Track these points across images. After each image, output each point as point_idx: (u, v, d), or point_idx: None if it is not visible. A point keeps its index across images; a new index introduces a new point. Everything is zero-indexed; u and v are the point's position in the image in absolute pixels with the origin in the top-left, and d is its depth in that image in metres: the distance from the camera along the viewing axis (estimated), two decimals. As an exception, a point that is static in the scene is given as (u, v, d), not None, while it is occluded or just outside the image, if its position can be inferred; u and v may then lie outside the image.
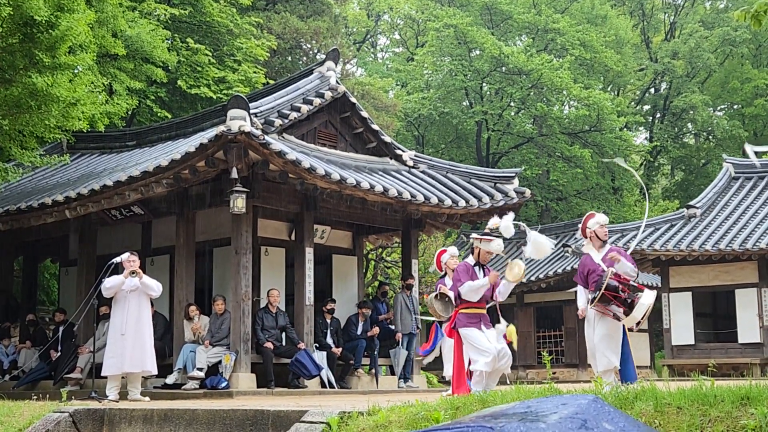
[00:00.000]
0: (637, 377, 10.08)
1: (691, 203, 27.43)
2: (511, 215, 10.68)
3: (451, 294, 10.76)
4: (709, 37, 43.43)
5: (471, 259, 10.60)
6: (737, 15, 6.87)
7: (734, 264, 24.97)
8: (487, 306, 10.47)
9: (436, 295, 10.88)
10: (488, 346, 10.04)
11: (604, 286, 9.83)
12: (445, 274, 12.77)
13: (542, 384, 7.02)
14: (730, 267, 25.12)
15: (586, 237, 10.70)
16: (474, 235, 11.07)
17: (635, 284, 10.07)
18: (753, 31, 42.48)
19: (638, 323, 10.00)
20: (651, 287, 10.40)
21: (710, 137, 46.40)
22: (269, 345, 15.15)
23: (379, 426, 5.91)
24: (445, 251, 13.10)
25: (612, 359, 9.93)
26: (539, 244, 10.33)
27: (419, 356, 16.10)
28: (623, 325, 10.05)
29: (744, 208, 26.46)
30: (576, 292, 10.84)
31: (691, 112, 43.63)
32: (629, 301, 9.83)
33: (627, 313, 9.83)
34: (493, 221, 10.64)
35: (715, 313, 27.74)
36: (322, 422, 6.35)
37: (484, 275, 10.36)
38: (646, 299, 9.85)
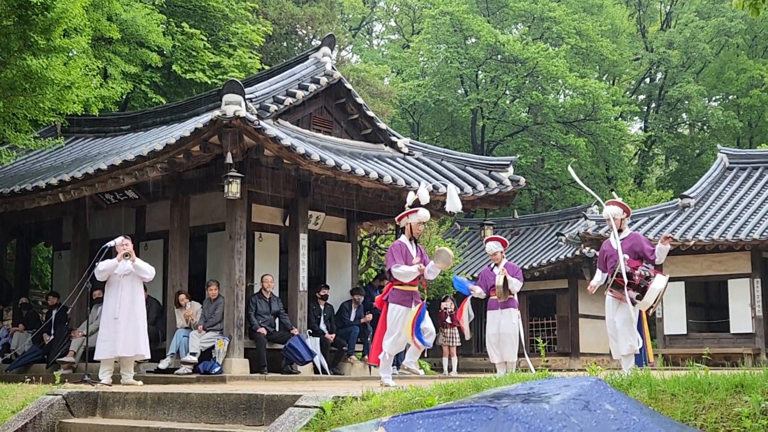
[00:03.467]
0: (651, 362, 10.53)
1: (685, 193, 27.47)
2: (423, 184, 11.59)
3: (510, 278, 12.55)
4: (704, 28, 43.42)
5: (404, 237, 11.09)
6: (735, 3, 6.85)
7: (727, 254, 25.02)
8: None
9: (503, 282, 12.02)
10: (397, 330, 10.61)
11: (615, 272, 10.13)
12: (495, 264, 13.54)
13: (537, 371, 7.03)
14: (723, 257, 25.17)
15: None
16: (398, 217, 11.61)
17: (648, 269, 10.31)
18: (748, 22, 42.49)
19: (651, 307, 10.29)
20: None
21: (705, 127, 46.45)
22: (262, 330, 15.15)
23: (373, 411, 5.91)
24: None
25: (634, 344, 10.40)
26: (452, 197, 11.44)
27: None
28: (639, 310, 10.41)
29: (738, 198, 26.50)
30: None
31: (686, 102, 43.65)
32: (642, 286, 10.10)
33: (640, 298, 10.11)
34: (410, 197, 11.28)
35: (708, 303, 27.81)
36: (316, 407, 6.35)
37: (416, 251, 10.94)
38: (657, 284, 10.14)
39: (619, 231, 10.85)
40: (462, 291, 13.62)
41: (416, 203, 11.18)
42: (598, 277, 11.01)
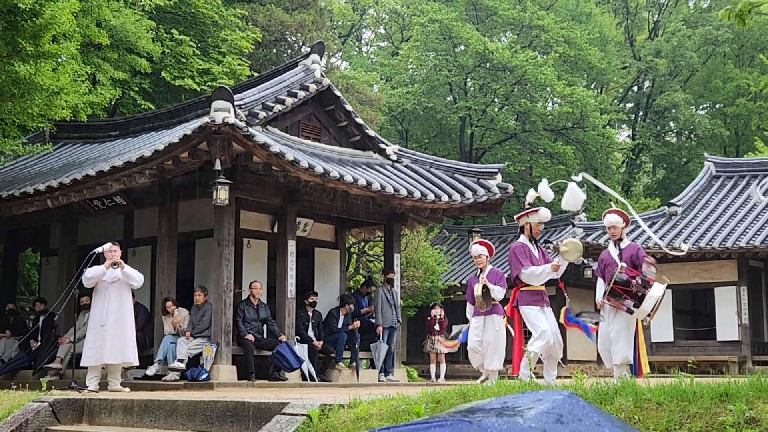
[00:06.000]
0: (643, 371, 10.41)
1: (672, 201, 27.60)
2: (544, 182, 10.98)
3: (491, 286, 11.36)
4: (692, 37, 43.63)
5: (523, 238, 10.67)
6: (722, 14, 6.90)
7: (714, 262, 25.14)
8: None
9: (483, 292, 11.18)
10: (546, 327, 10.27)
11: (613, 280, 10.05)
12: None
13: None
14: (709, 265, 25.29)
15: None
16: (517, 215, 11.25)
17: (645, 278, 10.24)
18: (735, 31, 42.73)
19: (649, 316, 10.18)
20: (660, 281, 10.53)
21: (692, 136, 46.67)
22: (250, 337, 15.14)
23: (360, 419, 5.93)
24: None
25: (628, 354, 10.23)
26: (574, 194, 10.72)
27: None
28: (636, 319, 10.28)
29: (724, 206, 26.64)
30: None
31: (674, 110, 43.84)
32: (639, 294, 10.03)
33: (637, 306, 10.02)
34: (531, 193, 10.94)
35: (695, 311, 27.94)
36: (303, 414, 6.35)
37: (539, 251, 10.62)
38: (655, 292, 10.05)
39: (619, 240, 10.79)
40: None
41: (537, 201, 10.86)
42: (600, 288, 10.74)
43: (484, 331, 12.40)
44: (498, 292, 12.21)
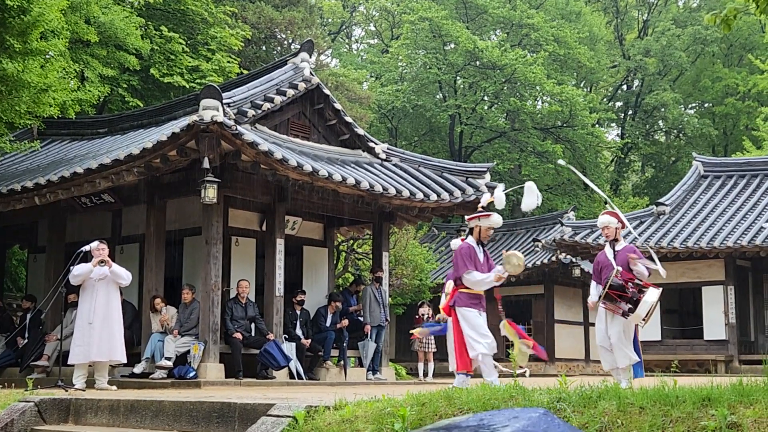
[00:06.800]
0: (643, 374, 10.41)
1: (661, 200, 27.69)
2: (501, 186, 10.93)
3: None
4: (681, 36, 43.77)
5: (471, 240, 10.67)
6: (707, 19, 6.91)
7: (701, 262, 25.23)
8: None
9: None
10: (485, 330, 10.29)
11: (607, 285, 10.04)
12: None
13: (510, 377, 7.09)
14: (697, 264, 25.38)
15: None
16: (469, 216, 11.17)
17: (641, 282, 10.23)
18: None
19: (644, 320, 10.18)
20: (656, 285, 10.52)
21: (681, 135, 46.82)
22: (238, 336, 15.14)
23: (345, 420, 5.94)
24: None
25: (632, 356, 10.25)
26: (532, 193, 10.70)
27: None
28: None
29: (712, 206, 26.73)
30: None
31: (663, 109, 43.98)
32: (634, 299, 10.02)
33: (632, 311, 10.01)
34: (486, 197, 10.88)
35: (682, 310, 28.03)
36: (289, 416, 6.36)
37: (484, 255, 10.56)
38: (650, 297, 10.05)
39: (615, 241, 10.79)
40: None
41: (491, 206, 10.82)
42: (594, 290, 10.72)
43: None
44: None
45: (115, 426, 8.19)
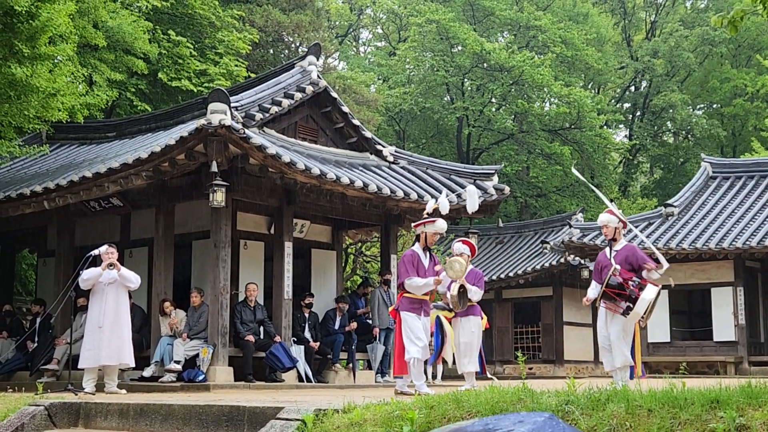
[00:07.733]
0: (644, 374, 10.51)
1: (669, 202, 27.63)
2: (444, 193, 11.38)
3: (468, 286, 11.65)
4: (689, 37, 43.67)
5: (417, 246, 10.86)
6: (714, 21, 6.89)
7: (710, 263, 25.17)
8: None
9: (459, 292, 11.37)
10: (421, 335, 10.61)
11: (605, 283, 10.07)
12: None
13: (518, 379, 7.09)
14: (706, 266, 25.32)
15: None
16: (415, 223, 11.55)
17: (639, 280, 10.25)
18: (732, 32, 42.70)
19: (643, 318, 10.20)
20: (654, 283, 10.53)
21: (689, 136, 46.70)
22: (251, 338, 15.16)
23: (354, 424, 5.95)
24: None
25: (629, 356, 10.33)
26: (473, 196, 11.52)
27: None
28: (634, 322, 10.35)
29: (721, 207, 26.67)
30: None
31: (671, 110, 43.89)
32: (633, 297, 10.03)
33: (631, 309, 10.04)
34: (431, 204, 11.19)
35: (691, 311, 27.97)
36: (298, 419, 6.37)
37: (430, 260, 10.86)
38: (647, 294, 10.07)
39: (615, 241, 10.81)
40: None
41: (436, 212, 11.06)
42: (593, 288, 10.77)
43: (461, 332, 12.32)
44: (475, 293, 12.10)
45: (124, 429, 8.22)
